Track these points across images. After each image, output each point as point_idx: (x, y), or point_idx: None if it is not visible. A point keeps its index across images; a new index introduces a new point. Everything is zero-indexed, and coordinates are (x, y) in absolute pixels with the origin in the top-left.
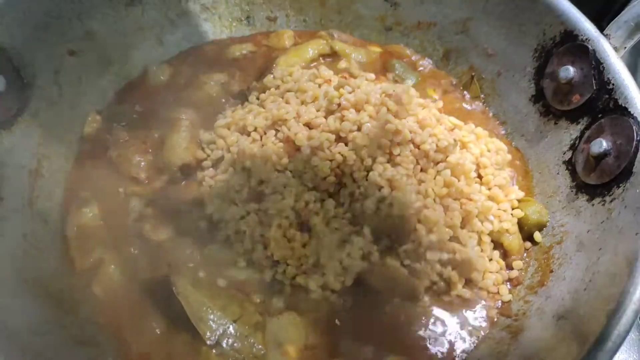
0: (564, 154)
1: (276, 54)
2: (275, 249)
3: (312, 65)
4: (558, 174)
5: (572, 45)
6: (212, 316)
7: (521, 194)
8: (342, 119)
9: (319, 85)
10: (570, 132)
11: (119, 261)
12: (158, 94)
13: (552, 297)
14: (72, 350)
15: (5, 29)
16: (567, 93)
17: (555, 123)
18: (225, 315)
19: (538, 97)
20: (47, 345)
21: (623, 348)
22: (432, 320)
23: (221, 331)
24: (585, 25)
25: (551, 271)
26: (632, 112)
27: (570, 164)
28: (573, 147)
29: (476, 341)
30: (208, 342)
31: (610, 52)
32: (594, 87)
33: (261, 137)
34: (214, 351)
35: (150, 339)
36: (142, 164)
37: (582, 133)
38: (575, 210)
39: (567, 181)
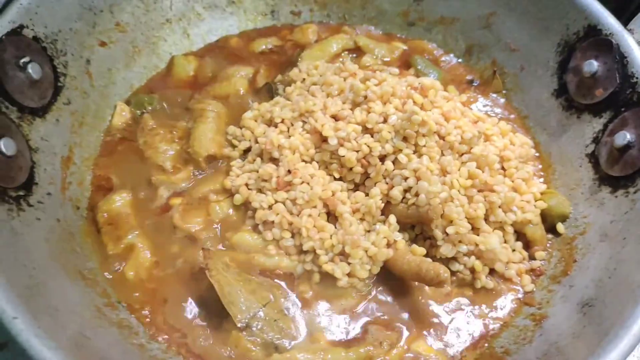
0: (587, 147)
1: (300, 48)
2: (306, 239)
3: (336, 60)
4: (581, 166)
5: (596, 39)
6: (242, 299)
7: (544, 187)
8: (368, 111)
9: (345, 79)
10: (593, 125)
11: (150, 246)
12: (184, 86)
13: (576, 285)
14: (107, 330)
15: (40, 20)
16: (590, 87)
17: (578, 117)
18: (255, 300)
19: (561, 91)
20: (84, 324)
21: None
22: (456, 307)
23: (251, 314)
24: (609, 20)
25: (574, 261)
26: None
27: (593, 157)
28: (596, 140)
29: (498, 328)
30: (239, 325)
31: (634, 46)
32: (618, 81)
33: (288, 128)
34: (244, 333)
35: (181, 322)
36: (170, 152)
37: (605, 126)
38: (598, 202)
39: (589, 174)
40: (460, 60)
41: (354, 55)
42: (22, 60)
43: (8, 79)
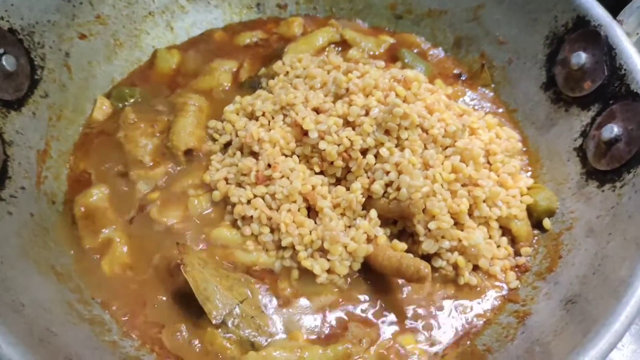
0: (575, 140)
1: (286, 41)
2: (285, 234)
3: (322, 53)
4: (568, 160)
5: (584, 31)
6: (218, 296)
7: (531, 181)
8: (350, 103)
9: (328, 72)
10: (581, 118)
11: (128, 241)
12: (167, 80)
13: (561, 282)
14: (78, 326)
15: (16, 10)
16: (578, 79)
17: (566, 110)
18: (232, 296)
19: (549, 84)
20: (52, 320)
21: (632, 339)
22: (438, 304)
23: (227, 311)
24: (598, 11)
25: (560, 257)
26: None
27: (580, 151)
28: (584, 134)
29: (481, 326)
30: (214, 321)
31: (622, 37)
32: (606, 73)
33: (269, 121)
34: (219, 330)
35: (156, 319)
36: (149, 147)
37: (593, 119)
38: (585, 197)
39: (577, 168)
40: (448, 53)
41: (341, 49)
42: None
43: None
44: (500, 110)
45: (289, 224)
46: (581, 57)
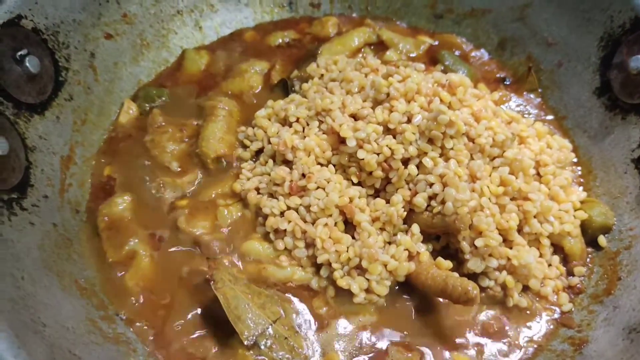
0: (633, 151)
1: (319, 42)
2: (320, 251)
3: (358, 55)
4: (626, 173)
5: None
6: (250, 315)
7: (584, 195)
8: (390, 109)
9: (366, 75)
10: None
11: (153, 254)
12: (195, 81)
13: (621, 307)
14: (102, 347)
15: (40, 10)
16: (637, 85)
17: (623, 118)
18: (265, 315)
19: (603, 89)
20: (75, 341)
21: None
22: (485, 327)
23: (259, 331)
24: None
25: (619, 279)
26: None
27: (639, 163)
28: None
29: (532, 352)
30: (245, 343)
31: None
32: None
33: (303, 128)
34: (251, 352)
35: (184, 338)
36: (176, 152)
37: None
38: None
39: (636, 181)
40: (491, 55)
41: (377, 50)
42: (19, 53)
43: (3, 73)
44: (549, 117)
45: (325, 239)
46: None
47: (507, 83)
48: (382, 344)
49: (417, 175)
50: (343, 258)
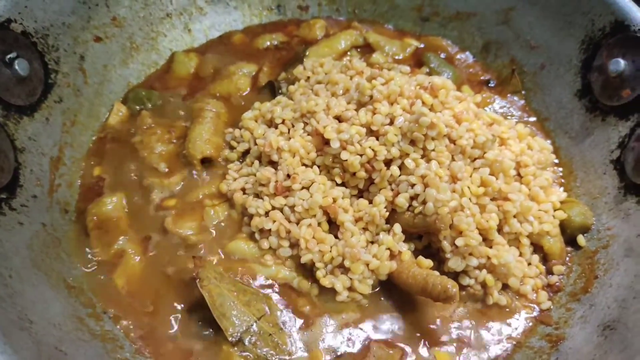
0: (612, 152)
1: (307, 44)
2: (304, 251)
3: (344, 57)
4: (605, 173)
5: (624, 36)
6: (235, 312)
7: (564, 195)
8: (374, 112)
9: (351, 77)
10: (619, 129)
11: (141, 253)
12: (184, 84)
13: (597, 305)
14: (89, 344)
15: (30, 13)
16: (616, 87)
17: (603, 119)
18: (250, 312)
19: (584, 91)
20: (62, 338)
21: None
22: (465, 324)
23: (244, 328)
24: (638, 15)
25: (596, 277)
26: None
27: (618, 164)
28: (622, 146)
29: (511, 348)
30: (230, 339)
31: None
32: None
33: (289, 130)
34: (235, 349)
35: (170, 335)
36: (164, 153)
37: (633, 130)
38: (624, 213)
39: (614, 182)
40: (476, 58)
41: (364, 52)
42: (9, 56)
43: None
44: (531, 118)
45: (308, 240)
46: (620, 64)
47: (491, 85)
48: (365, 341)
49: (399, 176)
50: (326, 258)
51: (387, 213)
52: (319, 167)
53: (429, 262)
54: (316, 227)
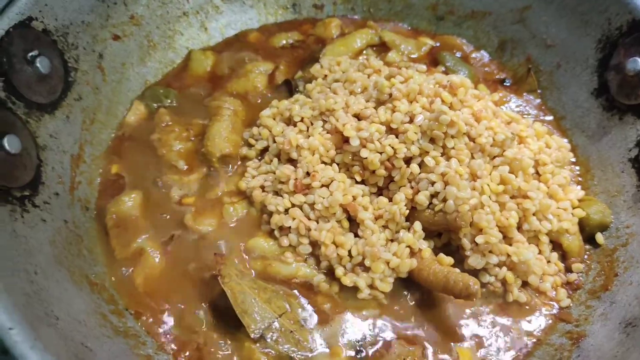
0: (630, 151)
1: (323, 43)
2: (323, 257)
3: (360, 56)
4: (623, 172)
5: None
6: (257, 309)
7: (582, 193)
8: (393, 110)
9: (368, 76)
10: (637, 127)
11: (160, 250)
12: (201, 82)
13: (618, 302)
14: (113, 340)
15: (50, 12)
16: (634, 86)
17: (620, 118)
18: (271, 309)
19: (601, 90)
20: (87, 335)
21: None
22: (485, 321)
23: (266, 325)
24: None
25: (615, 275)
26: None
27: (636, 162)
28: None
29: (532, 345)
30: (252, 336)
31: None
32: None
33: (308, 127)
34: (257, 345)
35: (191, 333)
36: (183, 151)
37: None
38: None
39: (632, 180)
40: (492, 57)
41: (379, 51)
42: (31, 54)
43: (15, 74)
44: (548, 117)
45: (328, 245)
46: (637, 63)
47: (507, 84)
48: (385, 338)
49: (419, 173)
50: (345, 262)
51: (407, 211)
52: (338, 165)
53: (449, 260)
54: (336, 230)
